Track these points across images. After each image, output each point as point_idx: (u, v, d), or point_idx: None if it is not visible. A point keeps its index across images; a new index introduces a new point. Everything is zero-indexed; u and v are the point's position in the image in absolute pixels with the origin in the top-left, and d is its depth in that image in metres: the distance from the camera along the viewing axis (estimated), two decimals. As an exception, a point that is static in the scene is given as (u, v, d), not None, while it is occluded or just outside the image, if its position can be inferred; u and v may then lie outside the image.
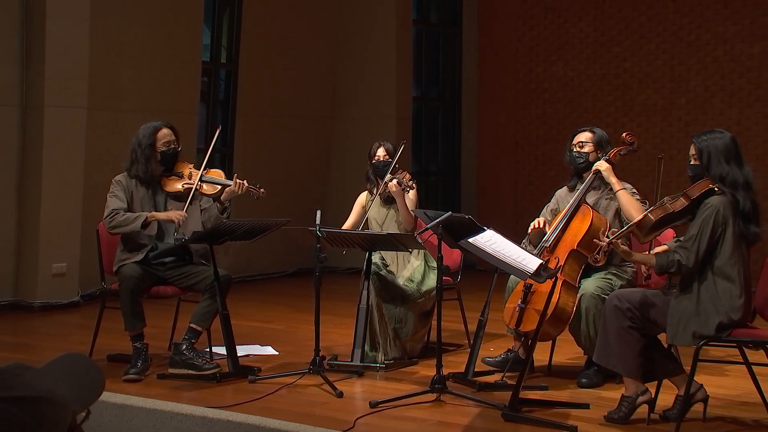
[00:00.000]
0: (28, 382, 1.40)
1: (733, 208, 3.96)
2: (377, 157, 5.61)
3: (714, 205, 3.97)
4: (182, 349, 4.89)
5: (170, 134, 5.13)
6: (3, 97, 6.97)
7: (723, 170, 4.00)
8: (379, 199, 5.59)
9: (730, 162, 4.01)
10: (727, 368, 4.88)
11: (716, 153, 4.03)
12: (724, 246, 3.96)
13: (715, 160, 4.02)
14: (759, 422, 4.24)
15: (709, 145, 4.05)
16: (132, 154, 5.10)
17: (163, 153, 5.11)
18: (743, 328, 4.05)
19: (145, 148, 5.06)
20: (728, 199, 3.97)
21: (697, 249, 3.94)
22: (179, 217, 4.96)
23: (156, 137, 5.09)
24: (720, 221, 3.95)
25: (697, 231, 3.97)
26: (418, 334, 5.41)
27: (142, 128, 5.14)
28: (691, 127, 8.68)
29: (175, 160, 5.17)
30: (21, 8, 6.99)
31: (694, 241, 3.96)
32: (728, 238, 3.95)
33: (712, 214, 3.95)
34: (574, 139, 5.15)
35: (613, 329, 4.14)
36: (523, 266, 4.08)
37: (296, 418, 3.94)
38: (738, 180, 3.99)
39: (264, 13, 8.72)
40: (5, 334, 6.32)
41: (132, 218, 4.97)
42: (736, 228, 3.95)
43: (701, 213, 3.99)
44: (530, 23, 9.73)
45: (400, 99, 9.40)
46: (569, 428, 4.05)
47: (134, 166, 5.08)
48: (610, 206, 4.99)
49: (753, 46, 8.61)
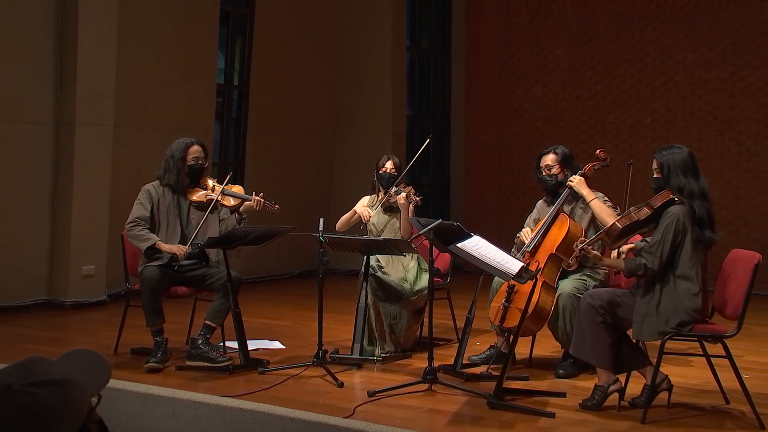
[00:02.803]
0: (49, 369, 1.43)
1: (690, 217, 3.97)
2: (384, 168, 5.58)
3: (674, 213, 3.98)
4: (198, 343, 4.86)
5: (200, 151, 5.14)
6: (39, 117, 6.96)
7: (681, 182, 4.02)
8: (381, 208, 5.56)
9: (687, 175, 4.03)
10: (690, 360, 4.87)
11: (675, 166, 4.05)
12: (683, 250, 3.98)
13: (674, 173, 4.04)
14: (717, 408, 4.23)
15: (669, 159, 4.07)
16: (165, 164, 5.11)
17: (191, 167, 5.11)
18: (703, 324, 4.05)
19: (177, 161, 5.08)
20: (686, 209, 3.98)
21: (661, 253, 3.96)
22: (181, 252, 4.94)
23: (187, 152, 5.10)
24: (680, 228, 3.96)
25: (660, 237, 3.98)
26: (412, 329, 5.39)
27: (176, 142, 5.15)
28: (657, 143, 8.67)
29: (201, 173, 5.17)
30: (56, 37, 6.98)
31: (658, 246, 3.97)
32: (687, 243, 3.97)
33: (672, 222, 3.97)
34: (541, 162, 5.10)
35: (587, 325, 4.13)
36: (507, 268, 4.07)
37: (301, 406, 3.92)
38: (694, 191, 4.00)
39: (273, 40, 8.71)
40: (41, 330, 6.30)
41: (143, 237, 4.97)
42: (693, 234, 3.97)
43: (663, 221, 4.00)
44: (512, 50, 9.73)
45: (395, 117, 9.39)
46: (548, 414, 4.03)
47: (167, 175, 5.09)
48: (585, 215, 4.98)
49: (709, 72, 8.62)
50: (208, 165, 5.25)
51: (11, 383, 1.38)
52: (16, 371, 1.41)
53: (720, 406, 4.23)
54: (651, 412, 4.00)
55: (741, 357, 4.92)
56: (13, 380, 1.39)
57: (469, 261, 4.22)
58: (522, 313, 4.41)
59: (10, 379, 1.39)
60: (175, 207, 5.11)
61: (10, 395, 1.38)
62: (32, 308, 6.86)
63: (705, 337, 4.08)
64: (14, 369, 1.42)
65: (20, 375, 1.40)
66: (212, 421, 3.81)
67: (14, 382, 1.39)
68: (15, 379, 1.39)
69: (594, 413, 4.08)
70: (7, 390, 1.38)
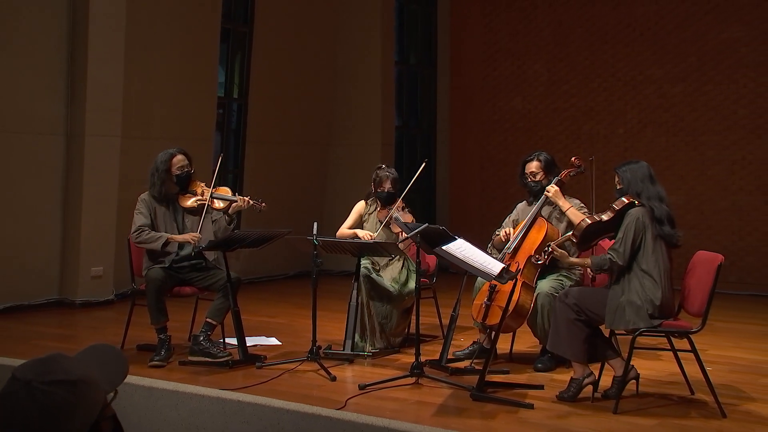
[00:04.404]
0: (67, 368, 1.43)
1: (650, 216, 4.09)
2: (383, 188, 5.54)
3: (633, 214, 4.10)
4: (200, 340, 4.85)
5: (183, 159, 5.08)
6: (51, 128, 6.93)
7: (639, 188, 4.16)
8: (378, 221, 5.53)
9: (645, 181, 4.17)
10: (658, 354, 4.88)
11: (634, 177, 4.19)
12: (645, 248, 4.07)
13: (634, 182, 4.19)
14: (683, 398, 4.26)
15: (627, 171, 4.22)
16: (151, 177, 5.05)
17: (178, 176, 5.06)
18: (670, 320, 4.07)
19: (161, 173, 5.01)
20: (646, 209, 4.10)
21: (624, 249, 4.05)
22: (195, 238, 4.93)
23: (171, 162, 5.05)
24: (640, 227, 4.06)
25: (622, 235, 4.09)
26: (400, 327, 5.38)
27: (160, 155, 5.09)
28: (629, 152, 8.73)
29: (189, 180, 5.13)
30: (67, 53, 6.96)
31: (620, 243, 4.07)
32: (648, 240, 4.06)
33: (632, 221, 4.08)
34: (526, 169, 5.11)
35: (563, 322, 4.14)
36: (488, 269, 4.07)
37: (296, 398, 3.91)
38: (652, 194, 4.14)
39: (270, 56, 8.70)
40: (52, 327, 6.27)
41: (155, 237, 4.93)
42: (654, 231, 4.05)
43: (625, 221, 4.13)
44: (493, 65, 9.75)
45: (384, 128, 9.39)
46: (527, 406, 4.03)
47: (153, 188, 5.04)
48: (560, 224, 4.99)
49: (676, 86, 8.66)
50: (193, 171, 5.16)
51: (31, 380, 1.39)
52: (37, 368, 1.41)
53: (686, 396, 4.25)
54: (622, 402, 4.02)
55: (705, 351, 4.94)
56: (33, 377, 1.39)
57: (453, 263, 4.23)
58: (503, 311, 4.41)
59: (30, 376, 1.40)
60: (171, 215, 5.08)
61: (28, 391, 1.38)
62: (44, 307, 6.83)
63: (672, 333, 4.10)
64: (35, 366, 1.42)
65: (40, 372, 1.40)
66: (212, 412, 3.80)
67: (33, 378, 1.39)
68: (34, 375, 1.39)
69: (570, 404, 4.09)
70: (27, 386, 1.38)
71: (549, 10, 9.36)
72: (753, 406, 4.13)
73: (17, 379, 1.40)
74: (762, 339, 5.95)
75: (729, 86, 8.39)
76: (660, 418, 3.92)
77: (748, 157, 8.33)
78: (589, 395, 4.15)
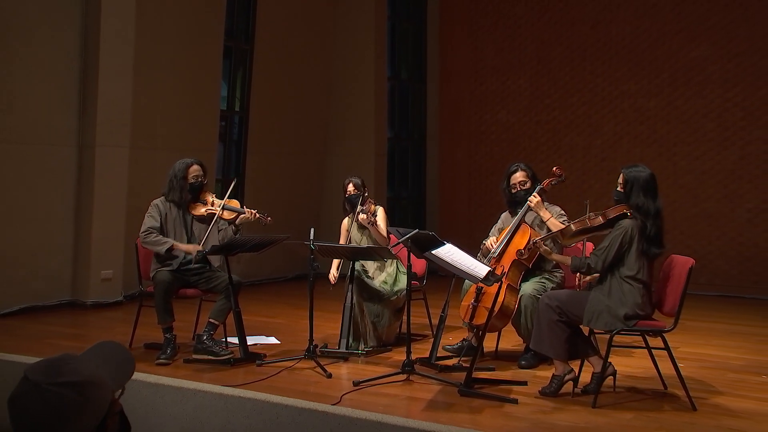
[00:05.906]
0: (76, 369, 1.42)
1: (640, 231, 4.00)
2: (348, 192, 5.57)
3: (624, 226, 4.02)
4: (203, 339, 4.83)
5: (199, 170, 5.11)
6: (64, 139, 6.92)
7: (640, 201, 4.02)
8: (356, 225, 5.55)
9: (648, 195, 4.02)
10: (633, 352, 4.89)
11: (638, 185, 4.02)
12: (629, 257, 4.02)
13: (636, 191, 4.02)
14: (657, 392, 4.26)
15: (634, 176, 4.05)
16: (170, 183, 5.07)
17: (191, 184, 5.07)
18: (646, 320, 4.08)
19: (180, 180, 5.04)
20: (637, 223, 4.00)
21: (605, 258, 4.02)
22: (197, 250, 4.92)
23: (188, 171, 5.06)
24: (627, 240, 4.01)
25: (607, 244, 4.03)
26: (392, 326, 5.38)
27: (178, 163, 5.11)
28: (606, 162, 8.76)
29: (201, 190, 5.13)
30: (79, 69, 6.95)
31: (603, 251, 4.03)
32: (633, 252, 4.01)
33: (621, 234, 4.01)
34: (512, 179, 5.05)
35: (545, 322, 4.14)
36: (475, 273, 4.07)
37: (294, 394, 3.90)
38: (650, 210, 4.01)
39: (269, 71, 8.71)
40: (65, 327, 6.24)
41: (161, 242, 4.93)
42: (640, 246, 4.00)
43: (614, 231, 4.05)
44: (480, 80, 9.77)
45: (377, 138, 9.40)
46: (511, 401, 4.03)
47: (171, 193, 5.05)
48: (541, 231, 4.99)
49: (650, 101, 8.69)
50: (206, 182, 5.20)
51: (40, 381, 1.38)
52: (46, 369, 1.41)
53: (659, 391, 4.26)
54: (600, 397, 4.02)
55: (677, 348, 4.94)
56: (42, 378, 1.39)
57: (442, 266, 4.23)
58: (489, 311, 4.41)
59: (39, 377, 1.39)
60: (181, 220, 5.08)
61: (38, 392, 1.38)
62: (57, 308, 6.81)
63: (647, 332, 4.10)
64: (45, 367, 1.41)
65: (50, 374, 1.40)
66: (215, 407, 3.78)
67: (43, 380, 1.38)
68: (44, 377, 1.39)
69: (551, 399, 4.09)
70: (36, 388, 1.38)
71: (532, 30, 9.39)
72: (721, 400, 4.14)
73: (28, 380, 1.40)
74: (730, 337, 5.97)
75: (698, 101, 8.43)
76: (636, 412, 3.92)
77: (716, 167, 8.36)
78: (569, 391, 4.15)
